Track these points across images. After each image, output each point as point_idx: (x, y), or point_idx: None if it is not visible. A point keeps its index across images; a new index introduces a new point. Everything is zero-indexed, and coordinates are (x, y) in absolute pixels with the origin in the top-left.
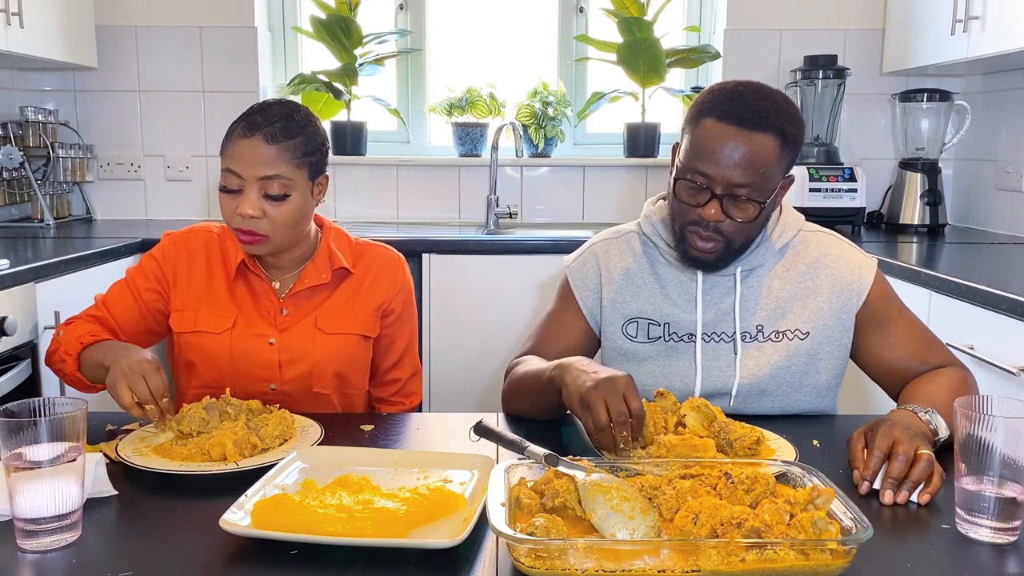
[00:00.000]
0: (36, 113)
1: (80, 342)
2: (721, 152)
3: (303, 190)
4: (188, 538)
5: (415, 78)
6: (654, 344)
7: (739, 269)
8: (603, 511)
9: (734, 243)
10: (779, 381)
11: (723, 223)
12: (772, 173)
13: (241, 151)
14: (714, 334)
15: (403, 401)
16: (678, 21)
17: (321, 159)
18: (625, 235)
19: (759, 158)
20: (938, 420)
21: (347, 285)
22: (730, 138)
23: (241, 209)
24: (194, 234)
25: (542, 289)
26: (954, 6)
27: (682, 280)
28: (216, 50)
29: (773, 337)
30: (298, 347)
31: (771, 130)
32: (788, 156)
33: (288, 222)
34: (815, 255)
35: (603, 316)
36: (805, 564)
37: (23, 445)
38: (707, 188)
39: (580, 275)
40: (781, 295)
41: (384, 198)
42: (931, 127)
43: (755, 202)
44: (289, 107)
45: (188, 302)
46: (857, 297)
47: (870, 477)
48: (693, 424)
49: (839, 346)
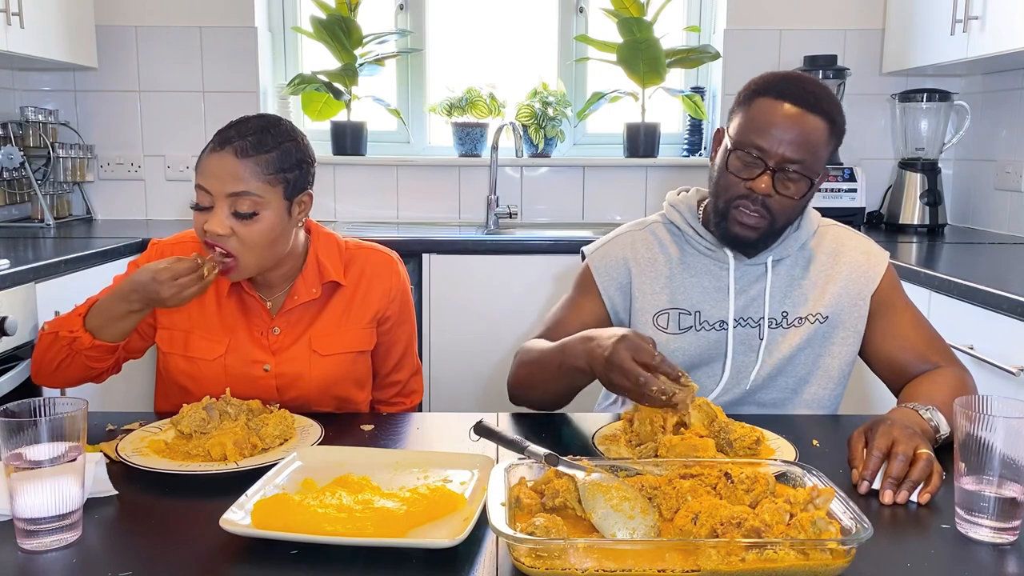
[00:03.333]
0: (36, 113)
1: (78, 314)
2: (777, 127)
3: (277, 208)
4: (188, 538)
5: (415, 78)
6: (684, 334)
7: (770, 258)
8: (603, 511)
9: (777, 221)
10: (795, 363)
11: (771, 199)
12: (820, 156)
13: (211, 166)
14: (744, 320)
15: (404, 401)
16: (678, 21)
17: (300, 176)
18: (650, 226)
19: (812, 138)
20: (939, 418)
21: (339, 298)
22: (786, 115)
23: (208, 226)
24: (182, 246)
25: (543, 289)
26: (954, 6)
27: (712, 269)
28: (216, 50)
29: (796, 323)
30: (294, 372)
31: (822, 114)
32: (833, 144)
33: (259, 242)
34: (834, 246)
35: (633, 307)
36: (805, 564)
37: (23, 445)
38: (760, 161)
39: (604, 265)
40: (804, 283)
41: (384, 198)
42: (931, 127)
43: (805, 178)
44: (268, 121)
45: (177, 321)
46: (872, 282)
47: (869, 477)
48: (694, 423)
49: (853, 332)
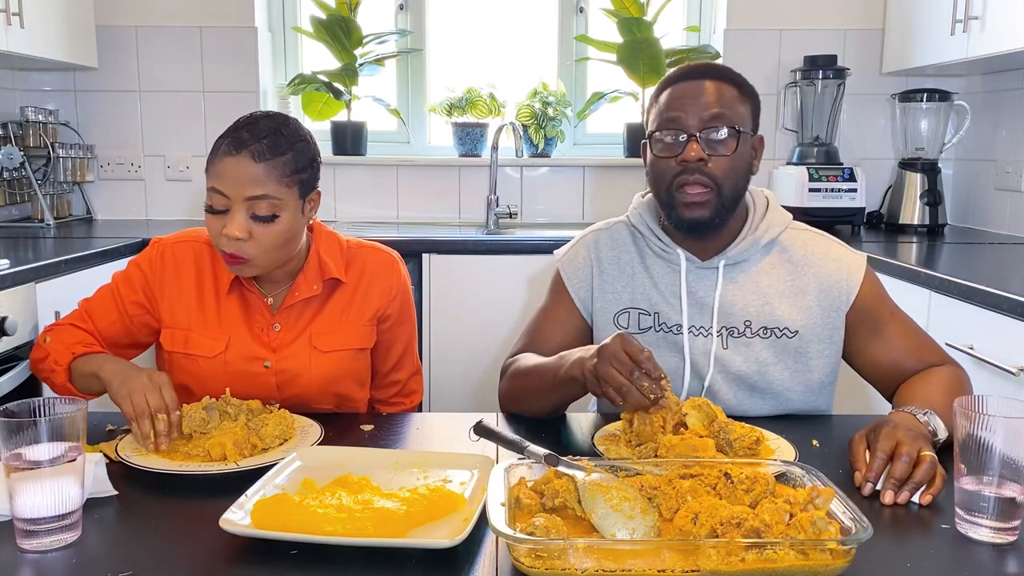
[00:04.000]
0: (36, 113)
1: (71, 352)
2: (685, 98)
3: (293, 209)
4: (188, 538)
5: (415, 78)
6: (645, 335)
7: (722, 262)
8: (603, 511)
9: (723, 187)
10: (769, 379)
11: (708, 164)
12: (739, 111)
13: (227, 170)
14: (702, 328)
15: (403, 401)
16: (678, 21)
17: (312, 175)
18: (614, 226)
19: (722, 95)
20: (936, 422)
21: (340, 295)
22: (690, 87)
23: (227, 231)
24: (184, 244)
25: (542, 289)
26: (954, 6)
27: (667, 272)
28: (216, 50)
29: (761, 333)
30: (294, 368)
31: (724, 78)
32: (748, 105)
33: (275, 243)
34: (802, 254)
35: (595, 307)
36: (805, 564)
37: (23, 445)
38: (682, 132)
39: (572, 267)
40: (768, 291)
41: (384, 198)
42: (931, 127)
43: (732, 130)
44: (278, 121)
45: (179, 320)
46: (846, 297)
47: (873, 478)
48: (694, 423)
49: (830, 344)
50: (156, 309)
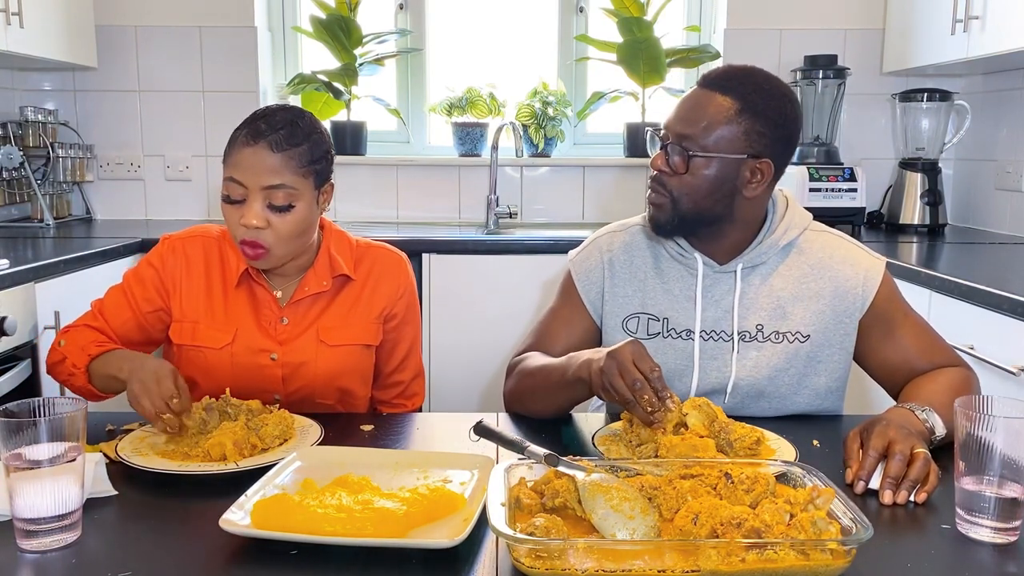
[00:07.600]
0: (36, 113)
1: (87, 353)
2: (678, 106)
3: (308, 199)
4: (188, 538)
5: (415, 78)
6: (652, 340)
7: (740, 266)
8: (603, 511)
9: (679, 203)
10: (777, 383)
11: (665, 175)
12: (721, 135)
13: (244, 159)
14: (713, 332)
15: (405, 403)
16: (678, 21)
17: (327, 166)
18: (629, 228)
19: (706, 113)
20: (935, 419)
21: (348, 292)
22: (692, 93)
23: (245, 219)
24: (193, 240)
25: (543, 289)
26: (954, 6)
27: (683, 276)
28: (216, 50)
29: (773, 338)
30: (300, 360)
31: (729, 92)
32: (747, 124)
33: (292, 232)
34: (819, 256)
35: (605, 310)
36: (805, 564)
37: (23, 445)
38: (660, 139)
39: (583, 268)
40: (782, 295)
41: (384, 198)
42: (931, 127)
43: (685, 152)
44: (294, 113)
45: (187, 313)
46: (861, 303)
47: (864, 476)
48: (694, 423)
49: (840, 350)
50: (167, 304)
